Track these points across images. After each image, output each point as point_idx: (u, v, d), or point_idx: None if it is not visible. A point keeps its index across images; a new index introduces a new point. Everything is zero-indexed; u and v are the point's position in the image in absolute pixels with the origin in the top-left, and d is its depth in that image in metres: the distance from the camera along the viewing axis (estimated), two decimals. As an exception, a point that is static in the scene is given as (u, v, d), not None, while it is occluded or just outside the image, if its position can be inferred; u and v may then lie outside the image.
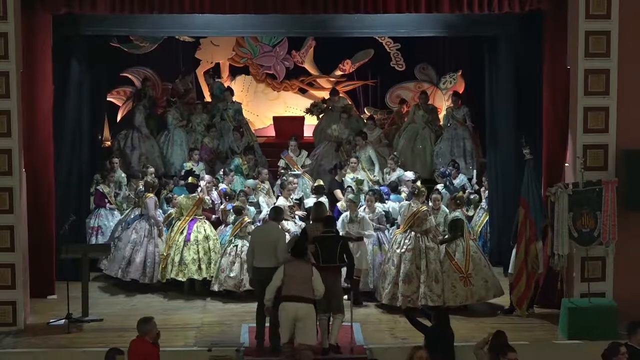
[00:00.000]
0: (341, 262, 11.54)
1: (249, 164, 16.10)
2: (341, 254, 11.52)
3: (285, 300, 10.86)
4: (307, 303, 10.86)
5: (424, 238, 13.09)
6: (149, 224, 14.09)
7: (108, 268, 14.25)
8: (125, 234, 14.16)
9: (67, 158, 14.35)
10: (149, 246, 13.99)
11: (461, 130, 17.06)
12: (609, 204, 12.12)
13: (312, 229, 12.06)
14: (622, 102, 12.39)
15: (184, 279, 13.88)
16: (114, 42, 17.59)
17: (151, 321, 9.56)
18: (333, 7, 12.65)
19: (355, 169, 15.55)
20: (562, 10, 12.63)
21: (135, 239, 14.03)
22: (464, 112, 17.17)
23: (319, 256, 11.45)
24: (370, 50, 19.14)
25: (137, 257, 13.92)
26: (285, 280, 10.92)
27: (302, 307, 10.83)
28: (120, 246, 14.09)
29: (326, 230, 11.80)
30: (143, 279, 13.97)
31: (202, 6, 12.56)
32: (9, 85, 12.19)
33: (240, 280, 13.46)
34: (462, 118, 17.11)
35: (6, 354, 11.53)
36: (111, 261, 14.17)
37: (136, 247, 13.99)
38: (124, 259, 13.97)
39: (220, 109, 17.97)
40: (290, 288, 10.88)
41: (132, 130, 17.30)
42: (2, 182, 12.28)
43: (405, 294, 12.85)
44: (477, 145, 17.06)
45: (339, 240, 11.75)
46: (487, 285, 13.08)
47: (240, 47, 19.29)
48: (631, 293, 12.24)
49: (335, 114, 17.78)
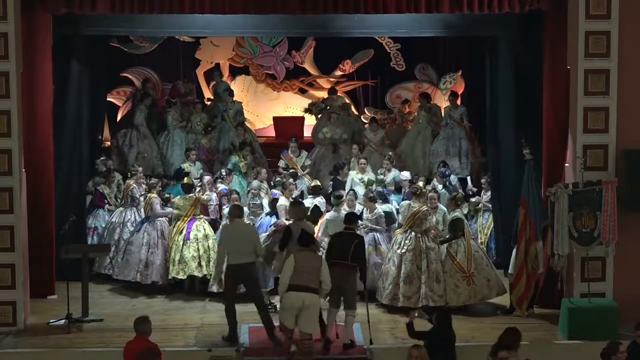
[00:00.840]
0: (352, 261, 11.55)
1: (245, 160, 16.11)
2: (354, 252, 11.55)
3: (293, 289, 10.94)
4: (312, 293, 10.97)
5: (424, 238, 13.09)
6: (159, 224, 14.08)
7: (120, 273, 14.11)
8: (137, 238, 14.08)
9: (67, 158, 14.33)
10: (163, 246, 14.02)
11: (458, 130, 17.05)
12: (609, 204, 12.13)
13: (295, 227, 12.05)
14: (622, 102, 12.39)
15: (184, 277, 13.88)
16: (114, 42, 17.59)
17: (149, 320, 9.58)
18: (333, 7, 12.65)
19: (364, 170, 15.55)
20: (562, 10, 12.63)
21: (149, 241, 13.98)
22: (461, 111, 17.16)
23: (331, 251, 11.62)
24: (370, 51, 19.13)
25: (156, 259, 13.90)
26: (294, 270, 11.00)
27: (308, 296, 10.92)
28: (133, 250, 13.99)
29: (347, 227, 11.91)
30: (164, 280, 13.98)
31: (202, 6, 12.57)
32: (9, 85, 12.19)
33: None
34: (460, 118, 17.10)
35: (6, 354, 11.54)
36: (122, 266, 14.07)
37: (151, 249, 13.95)
38: (140, 262, 13.90)
39: (220, 110, 17.98)
40: (298, 277, 10.95)
41: (131, 129, 17.31)
42: (2, 182, 12.28)
43: (406, 295, 12.86)
44: (474, 145, 17.05)
45: (355, 239, 11.76)
46: (490, 284, 13.09)
47: (240, 47, 19.29)
48: (631, 293, 12.24)
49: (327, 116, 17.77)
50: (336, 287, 11.35)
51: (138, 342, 9.42)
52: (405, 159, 17.15)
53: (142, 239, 14.03)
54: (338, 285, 11.35)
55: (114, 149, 17.16)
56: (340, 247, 11.62)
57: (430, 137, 17.30)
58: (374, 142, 17.07)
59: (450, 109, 17.29)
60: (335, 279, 11.24)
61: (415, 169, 16.44)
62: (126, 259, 14.03)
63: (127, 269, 14.04)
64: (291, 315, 11.00)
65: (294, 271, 10.98)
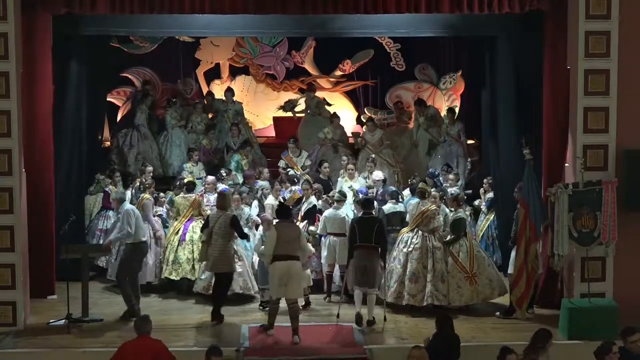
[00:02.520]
0: (376, 242, 12.32)
1: (247, 158, 16.11)
2: (377, 235, 12.31)
3: (278, 259, 11.77)
4: (296, 260, 11.87)
5: (431, 237, 13.10)
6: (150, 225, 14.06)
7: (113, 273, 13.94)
8: None
9: (67, 158, 14.33)
10: (156, 247, 14.01)
11: (455, 147, 16.95)
12: (609, 204, 12.13)
13: (214, 216, 12.70)
14: (622, 102, 12.39)
15: (177, 278, 13.88)
16: (114, 42, 17.58)
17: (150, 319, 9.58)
18: (333, 8, 12.65)
19: (353, 176, 15.44)
20: (562, 10, 12.63)
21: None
22: (459, 128, 17.06)
23: (356, 235, 12.29)
24: (370, 51, 19.13)
25: (149, 260, 13.87)
26: (277, 241, 11.80)
27: (292, 263, 11.81)
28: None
29: (365, 212, 12.64)
30: (155, 280, 13.98)
31: (202, 6, 12.56)
32: (9, 85, 12.19)
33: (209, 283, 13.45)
34: (457, 134, 17.02)
35: (6, 354, 11.54)
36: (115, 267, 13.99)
37: None
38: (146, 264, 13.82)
39: (220, 110, 17.98)
40: (281, 248, 11.80)
41: (132, 129, 17.31)
42: (2, 182, 12.27)
43: (411, 293, 12.90)
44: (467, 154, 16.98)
45: (376, 222, 12.52)
46: (492, 284, 13.10)
47: (240, 47, 19.29)
48: (631, 293, 12.24)
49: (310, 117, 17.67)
50: (362, 268, 12.23)
51: (141, 341, 9.39)
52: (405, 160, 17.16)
53: None
54: (364, 266, 12.22)
55: (114, 149, 17.15)
56: (363, 230, 12.33)
57: (426, 141, 17.25)
58: (372, 143, 17.02)
59: (447, 125, 17.20)
60: (360, 260, 12.23)
61: (413, 172, 16.36)
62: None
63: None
64: (277, 284, 11.74)
65: (277, 242, 11.78)
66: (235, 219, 12.79)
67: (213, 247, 12.62)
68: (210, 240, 12.62)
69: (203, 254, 12.80)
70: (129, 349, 9.40)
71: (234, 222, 12.69)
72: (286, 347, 11.61)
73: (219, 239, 12.60)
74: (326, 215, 13.66)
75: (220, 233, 12.62)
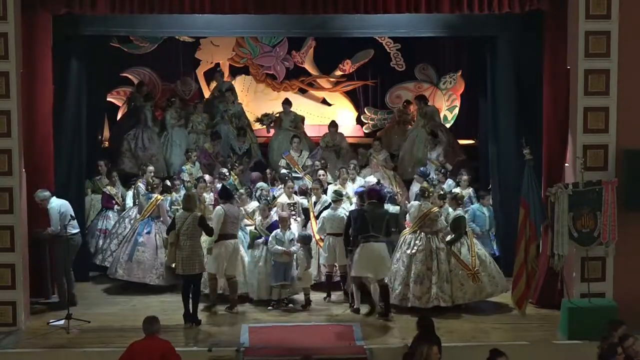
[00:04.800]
0: (386, 235, 12.75)
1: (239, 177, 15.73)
2: (387, 227, 12.74)
3: (224, 238, 12.87)
4: (236, 239, 13.07)
5: (434, 239, 13.08)
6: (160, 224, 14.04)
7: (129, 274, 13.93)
8: (149, 240, 13.98)
9: (67, 158, 14.28)
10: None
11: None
12: (609, 204, 12.12)
13: (180, 217, 12.69)
14: (622, 102, 12.39)
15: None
16: (114, 42, 17.57)
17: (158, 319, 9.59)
18: (333, 7, 12.65)
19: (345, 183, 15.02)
20: (562, 10, 12.64)
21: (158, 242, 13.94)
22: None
23: (368, 227, 12.54)
24: (370, 51, 19.12)
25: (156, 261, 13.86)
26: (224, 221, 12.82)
27: (234, 242, 13.02)
28: (146, 252, 13.91)
29: (376, 205, 12.82)
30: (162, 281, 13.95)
31: (202, 6, 12.56)
32: (9, 85, 12.20)
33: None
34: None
35: (6, 354, 11.54)
36: (133, 269, 13.90)
37: (159, 249, 13.90)
38: (161, 265, 13.82)
39: (220, 110, 17.97)
40: (226, 227, 12.89)
41: (141, 131, 17.28)
42: (2, 182, 12.28)
43: (416, 295, 12.87)
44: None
45: (387, 214, 12.96)
46: (494, 281, 13.11)
47: (240, 47, 19.28)
48: (631, 293, 12.25)
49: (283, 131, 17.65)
50: (373, 259, 12.45)
51: (150, 341, 9.39)
52: (404, 162, 17.13)
53: (155, 241, 13.97)
54: (375, 257, 12.46)
55: (126, 152, 17.07)
56: (374, 222, 12.62)
57: (424, 140, 17.20)
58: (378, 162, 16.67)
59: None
60: (372, 251, 12.46)
61: (413, 172, 16.34)
62: (137, 261, 13.90)
63: (141, 270, 13.88)
64: (221, 261, 12.80)
65: (223, 222, 12.79)
66: (203, 219, 12.76)
67: (182, 249, 12.55)
68: (179, 242, 12.56)
69: (172, 256, 12.75)
70: (137, 349, 9.40)
71: (202, 221, 12.65)
72: (286, 347, 11.60)
73: (187, 240, 12.53)
74: (325, 216, 13.64)
75: (188, 234, 12.54)
